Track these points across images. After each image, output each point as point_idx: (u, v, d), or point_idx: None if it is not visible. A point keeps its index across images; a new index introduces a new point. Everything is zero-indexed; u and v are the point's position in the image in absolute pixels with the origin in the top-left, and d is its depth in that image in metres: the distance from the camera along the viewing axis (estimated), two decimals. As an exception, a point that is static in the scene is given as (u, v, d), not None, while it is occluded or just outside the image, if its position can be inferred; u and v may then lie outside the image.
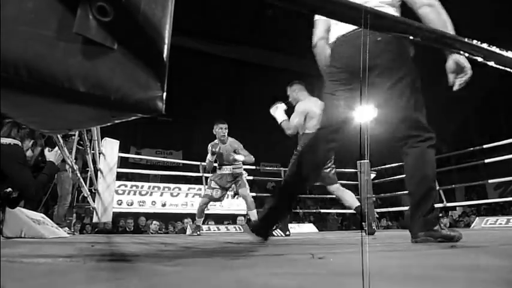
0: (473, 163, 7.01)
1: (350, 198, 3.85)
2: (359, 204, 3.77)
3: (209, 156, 4.67)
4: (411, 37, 0.92)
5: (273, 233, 4.08)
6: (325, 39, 2.19)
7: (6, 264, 0.81)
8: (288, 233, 4.48)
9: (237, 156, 4.67)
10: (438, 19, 1.76)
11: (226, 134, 4.76)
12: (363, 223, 4.64)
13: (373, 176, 6.81)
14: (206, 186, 5.01)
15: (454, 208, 11.62)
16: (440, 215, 9.16)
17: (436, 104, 3.44)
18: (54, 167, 2.56)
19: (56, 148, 2.54)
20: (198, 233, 4.77)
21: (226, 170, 4.76)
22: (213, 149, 4.60)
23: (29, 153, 2.50)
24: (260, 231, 2.00)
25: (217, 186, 4.75)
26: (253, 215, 4.77)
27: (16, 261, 0.90)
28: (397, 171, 7.13)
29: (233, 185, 4.84)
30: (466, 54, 1.00)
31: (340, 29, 1.99)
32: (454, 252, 1.24)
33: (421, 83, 2.04)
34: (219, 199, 4.85)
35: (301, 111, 3.85)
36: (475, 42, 0.98)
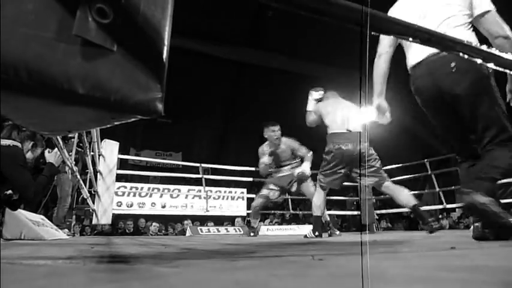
0: (473, 164, 7.00)
1: (405, 196, 3.42)
2: (416, 202, 3.36)
3: (264, 159, 4.38)
4: (410, 38, 0.92)
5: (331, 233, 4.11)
6: (387, 53, 2.17)
7: (6, 266, 0.81)
8: (338, 232, 4.32)
9: (304, 168, 4.37)
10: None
11: (279, 135, 4.47)
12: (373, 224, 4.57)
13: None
14: (263, 187, 4.68)
15: (453, 210, 11.61)
16: (440, 216, 9.16)
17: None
18: (53, 168, 2.55)
19: (56, 149, 2.54)
20: (253, 234, 4.53)
21: (285, 171, 4.50)
22: (267, 151, 4.37)
23: (29, 154, 2.50)
24: None
25: (276, 188, 4.51)
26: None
27: (16, 263, 0.89)
28: (396, 173, 7.12)
29: (294, 184, 4.54)
30: (466, 56, 1.00)
31: (417, 53, 2.00)
32: (455, 253, 1.24)
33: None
34: (276, 200, 4.72)
35: (315, 110, 3.88)
36: (474, 44, 0.99)
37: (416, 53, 2.00)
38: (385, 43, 2.15)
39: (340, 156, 3.35)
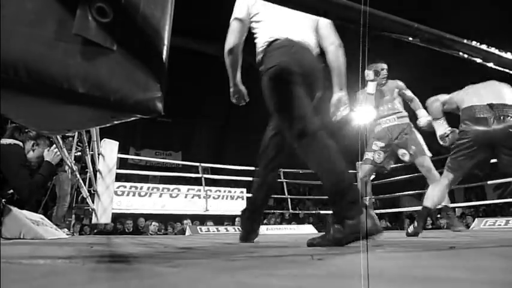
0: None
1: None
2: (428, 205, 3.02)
3: (369, 89, 3.49)
4: (410, 38, 0.92)
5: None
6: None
7: (6, 265, 0.81)
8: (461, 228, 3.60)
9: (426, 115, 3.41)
10: (342, 58, 2.10)
11: (386, 76, 3.68)
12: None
13: (372, 177, 6.80)
14: (366, 150, 3.70)
15: (453, 209, 11.61)
16: (439, 215, 9.15)
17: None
18: (50, 167, 2.55)
19: (53, 148, 2.53)
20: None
21: (390, 121, 3.60)
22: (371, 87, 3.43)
23: (30, 154, 2.50)
24: None
25: (379, 147, 3.58)
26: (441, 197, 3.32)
27: (15, 263, 0.89)
28: (396, 172, 7.12)
29: (401, 149, 3.53)
30: (466, 56, 1.00)
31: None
32: (454, 253, 1.24)
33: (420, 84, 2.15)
34: (383, 165, 3.67)
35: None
36: (474, 43, 0.99)
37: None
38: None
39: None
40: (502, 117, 2.59)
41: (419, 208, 6.25)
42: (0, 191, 2.31)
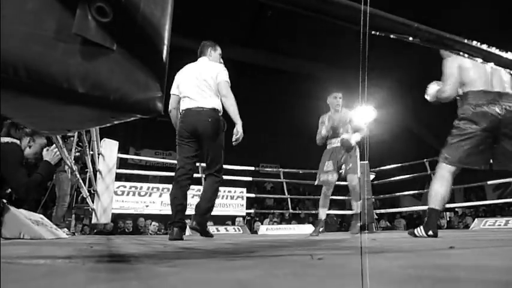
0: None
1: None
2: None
3: (322, 131, 4.08)
4: (410, 38, 0.92)
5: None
6: (175, 109, 3.33)
7: (6, 265, 0.81)
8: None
9: (352, 137, 3.99)
10: (232, 106, 3.11)
11: (341, 103, 4.23)
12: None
13: (372, 177, 6.80)
14: (319, 172, 4.26)
15: (454, 209, 11.62)
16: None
17: (436, 106, 3.43)
18: (49, 166, 2.53)
19: (52, 147, 2.52)
20: (315, 233, 4.23)
21: (336, 142, 4.13)
22: (327, 121, 4.04)
23: (27, 151, 2.48)
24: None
25: (331, 168, 4.06)
26: (356, 207, 4.17)
27: (15, 263, 0.89)
28: (396, 172, 7.13)
29: (343, 164, 4.09)
30: (466, 55, 1.00)
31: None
32: (454, 252, 1.24)
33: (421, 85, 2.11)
34: (334, 182, 4.16)
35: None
36: (474, 43, 0.99)
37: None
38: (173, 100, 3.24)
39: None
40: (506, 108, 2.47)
41: (419, 208, 6.23)
42: None
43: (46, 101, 0.68)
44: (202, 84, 3.06)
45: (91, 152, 4.34)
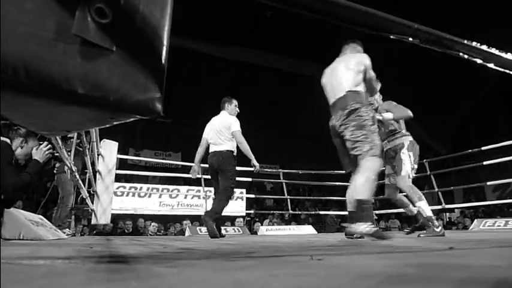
0: (471, 165, 7.02)
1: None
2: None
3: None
4: (410, 38, 0.93)
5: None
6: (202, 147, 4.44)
7: (6, 266, 0.81)
8: None
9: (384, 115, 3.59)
10: (242, 142, 4.08)
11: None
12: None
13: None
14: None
15: (452, 210, 11.62)
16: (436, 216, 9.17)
17: (435, 106, 3.44)
18: (38, 165, 2.50)
19: (42, 146, 2.48)
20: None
21: (387, 144, 3.83)
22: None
23: (19, 151, 2.45)
24: None
25: (389, 172, 3.83)
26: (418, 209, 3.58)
27: (15, 263, 0.89)
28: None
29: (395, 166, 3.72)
30: (466, 56, 1.00)
31: None
32: (453, 253, 1.24)
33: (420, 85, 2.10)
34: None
35: None
36: (474, 44, 0.99)
37: None
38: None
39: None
40: None
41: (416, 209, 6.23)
42: None
43: (46, 102, 0.68)
44: (219, 133, 4.15)
45: (91, 153, 4.34)
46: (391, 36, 0.93)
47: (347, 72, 2.53)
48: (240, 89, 13.17)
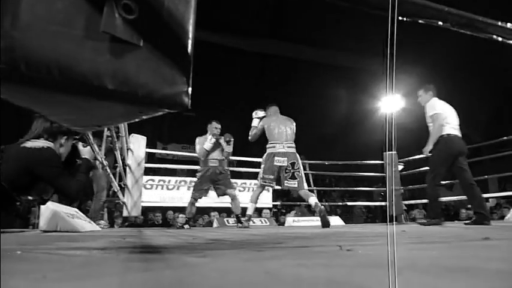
0: (506, 153, 6.72)
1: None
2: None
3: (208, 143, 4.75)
4: (440, 22, 0.89)
5: None
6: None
7: (46, 255, 0.85)
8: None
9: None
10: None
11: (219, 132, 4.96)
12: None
13: (401, 167, 6.64)
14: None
15: (487, 200, 11.19)
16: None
17: (469, 94, 3.36)
18: (90, 164, 2.54)
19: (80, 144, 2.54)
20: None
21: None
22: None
23: (62, 149, 2.48)
24: None
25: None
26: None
27: (54, 253, 0.94)
28: (424, 162, 6.92)
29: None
30: (500, 39, 0.95)
31: None
32: (489, 244, 1.20)
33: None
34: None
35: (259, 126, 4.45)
36: (509, 25, 0.94)
37: None
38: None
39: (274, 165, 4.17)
40: None
41: (450, 199, 6.04)
42: (27, 193, 2.28)
43: (78, 98, 0.70)
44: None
45: (120, 147, 4.46)
46: (420, 21, 0.90)
47: None
48: (265, 80, 13.13)
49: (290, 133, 4.27)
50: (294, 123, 4.36)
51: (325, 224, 3.74)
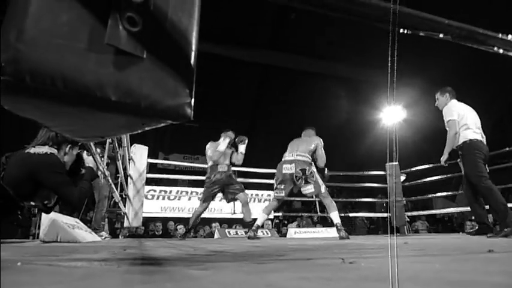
0: (509, 164, 6.69)
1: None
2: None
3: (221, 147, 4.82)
4: (441, 35, 0.90)
5: None
6: None
7: (46, 267, 0.84)
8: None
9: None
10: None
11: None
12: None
13: (403, 178, 6.61)
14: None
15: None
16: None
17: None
18: (93, 172, 2.55)
19: (85, 153, 2.55)
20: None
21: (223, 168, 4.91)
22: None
23: (66, 158, 2.49)
24: None
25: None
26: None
27: (54, 265, 0.93)
28: (427, 173, 6.90)
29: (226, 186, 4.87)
30: (501, 51, 0.96)
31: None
32: (492, 257, 1.18)
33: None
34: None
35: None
36: (510, 37, 0.95)
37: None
38: None
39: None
40: None
41: (452, 210, 6.01)
42: (30, 200, 2.29)
43: (81, 109, 0.71)
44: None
45: (122, 158, 4.47)
46: (421, 33, 0.91)
47: None
48: (266, 91, 13.19)
49: (304, 146, 4.22)
50: (316, 141, 4.31)
51: (342, 238, 3.72)
